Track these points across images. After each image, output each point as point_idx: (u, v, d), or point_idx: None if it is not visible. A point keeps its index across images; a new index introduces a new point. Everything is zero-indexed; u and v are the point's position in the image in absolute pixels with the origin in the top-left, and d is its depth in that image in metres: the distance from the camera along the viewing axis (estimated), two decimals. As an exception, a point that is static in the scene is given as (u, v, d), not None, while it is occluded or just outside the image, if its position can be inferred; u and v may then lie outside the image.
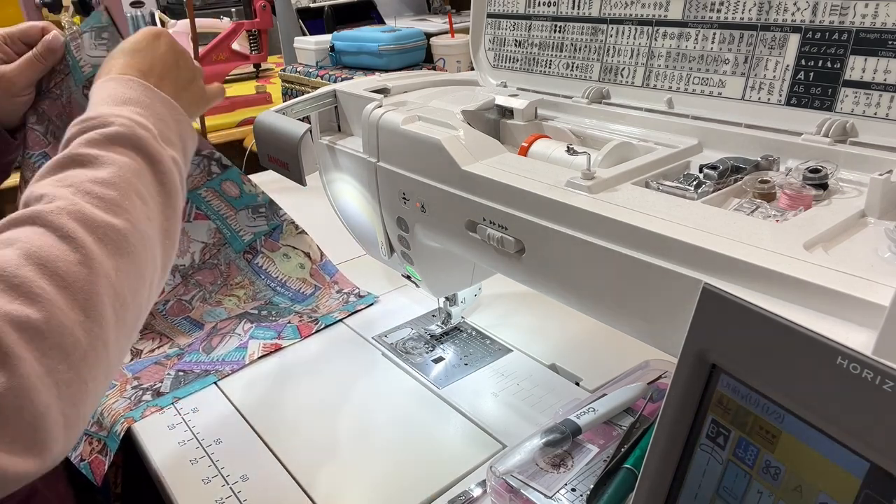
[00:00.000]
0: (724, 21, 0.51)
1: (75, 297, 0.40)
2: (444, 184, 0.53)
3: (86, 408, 0.41)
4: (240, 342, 0.79)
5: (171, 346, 0.81)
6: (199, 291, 0.86)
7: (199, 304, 0.86)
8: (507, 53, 0.69)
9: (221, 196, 0.85)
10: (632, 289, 0.41)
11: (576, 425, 0.54)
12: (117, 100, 0.52)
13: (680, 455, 0.36)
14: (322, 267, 0.89)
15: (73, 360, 0.39)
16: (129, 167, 0.47)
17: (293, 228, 0.89)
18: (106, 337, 0.41)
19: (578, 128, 0.58)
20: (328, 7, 1.72)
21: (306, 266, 0.88)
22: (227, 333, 0.81)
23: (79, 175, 0.45)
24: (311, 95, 0.67)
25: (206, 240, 0.86)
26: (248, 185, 0.86)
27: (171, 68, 0.59)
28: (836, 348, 0.28)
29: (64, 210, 0.42)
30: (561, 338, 0.77)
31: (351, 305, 0.85)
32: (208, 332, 0.82)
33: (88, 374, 0.40)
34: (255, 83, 1.97)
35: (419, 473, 0.59)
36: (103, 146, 0.47)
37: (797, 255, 0.35)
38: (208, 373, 0.74)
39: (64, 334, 0.38)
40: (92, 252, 0.41)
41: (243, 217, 0.86)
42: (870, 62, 0.43)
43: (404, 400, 0.69)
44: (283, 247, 0.89)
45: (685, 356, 0.35)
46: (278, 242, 0.89)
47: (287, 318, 0.82)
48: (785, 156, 0.47)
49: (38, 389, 0.36)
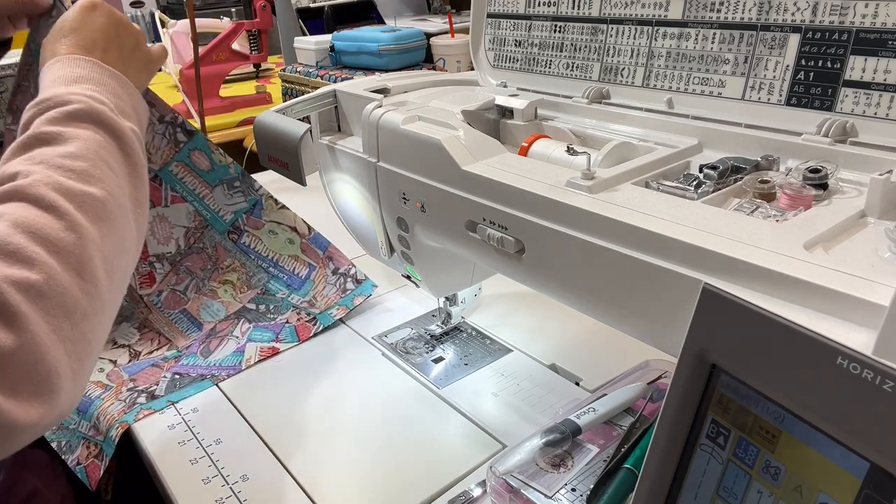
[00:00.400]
0: (724, 21, 0.51)
1: (68, 261, 0.41)
2: (444, 184, 0.53)
3: (90, 363, 0.43)
4: (237, 346, 0.78)
5: (170, 349, 0.81)
6: (192, 279, 0.85)
7: (195, 294, 0.85)
8: (507, 53, 0.69)
9: (193, 170, 0.83)
10: (632, 289, 0.41)
11: (576, 425, 0.54)
12: (68, 79, 0.52)
13: (680, 455, 0.36)
14: (313, 240, 0.86)
15: (76, 318, 0.41)
16: (93, 140, 0.48)
17: (273, 203, 0.86)
18: (102, 297, 0.43)
19: (578, 128, 0.58)
20: (328, 7, 1.72)
21: (296, 241, 0.85)
22: (226, 336, 0.80)
23: (47, 152, 0.46)
24: (311, 95, 0.67)
25: (187, 223, 0.85)
26: (216, 154, 0.83)
27: (113, 39, 0.59)
28: (836, 348, 0.28)
29: (41, 182, 0.43)
30: (561, 338, 0.77)
31: (349, 297, 0.83)
32: (207, 334, 0.81)
33: (91, 333, 0.42)
34: (255, 83, 1.97)
35: (419, 473, 0.59)
36: (65, 123, 0.48)
37: (797, 255, 0.35)
38: (204, 377, 0.74)
39: (64, 294, 0.40)
40: (76, 218, 0.43)
41: (219, 195, 0.84)
42: (870, 62, 0.43)
43: (404, 400, 0.69)
44: (267, 223, 0.86)
45: (685, 356, 0.35)
46: (261, 219, 0.86)
47: (285, 315, 0.82)
48: (785, 156, 0.47)
49: (47, 345, 0.38)
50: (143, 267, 0.86)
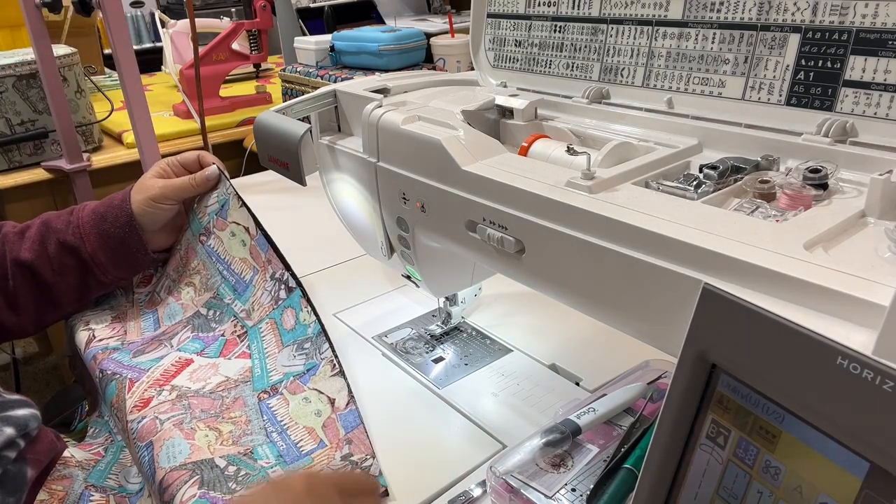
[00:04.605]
0: (724, 21, 0.51)
1: None
2: (444, 184, 0.53)
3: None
4: (163, 353, 0.76)
5: (118, 341, 0.79)
6: (166, 281, 0.85)
7: (166, 295, 0.84)
8: (507, 53, 0.69)
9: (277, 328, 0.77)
10: (632, 289, 0.41)
11: (576, 425, 0.54)
12: None
13: (680, 455, 0.36)
14: (258, 242, 0.80)
15: None
16: None
17: (236, 202, 0.82)
18: None
19: (578, 128, 0.58)
20: (328, 7, 1.72)
21: (247, 243, 0.81)
22: (164, 342, 0.78)
23: None
24: (311, 95, 0.67)
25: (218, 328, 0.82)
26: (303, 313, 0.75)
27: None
28: (836, 348, 0.28)
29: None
30: (561, 338, 0.77)
31: (278, 310, 0.76)
32: (154, 337, 0.80)
33: None
34: (255, 83, 1.97)
35: (419, 473, 0.59)
36: None
37: (797, 255, 0.35)
38: (115, 376, 0.72)
39: None
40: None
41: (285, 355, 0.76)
42: (870, 62, 0.43)
43: (404, 400, 0.69)
44: (230, 224, 0.82)
45: (685, 356, 0.35)
46: (226, 220, 0.82)
47: (224, 325, 0.79)
48: (785, 156, 0.47)
49: None
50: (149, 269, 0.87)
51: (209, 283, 0.82)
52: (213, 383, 0.72)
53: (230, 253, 0.82)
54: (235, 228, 0.82)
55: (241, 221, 0.81)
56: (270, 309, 0.77)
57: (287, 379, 0.71)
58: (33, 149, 1.44)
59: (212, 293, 0.82)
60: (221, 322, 0.79)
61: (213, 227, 0.83)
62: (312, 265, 0.97)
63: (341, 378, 0.69)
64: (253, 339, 0.76)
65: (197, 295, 0.83)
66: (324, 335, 0.71)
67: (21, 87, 1.39)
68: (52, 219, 0.80)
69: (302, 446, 0.65)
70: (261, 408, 0.69)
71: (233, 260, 0.81)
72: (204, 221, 0.83)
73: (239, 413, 0.69)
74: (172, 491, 0.58)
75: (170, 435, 0.64)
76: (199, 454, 0.62)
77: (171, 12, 3.14)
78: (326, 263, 0.98)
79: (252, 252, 0.80)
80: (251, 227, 0.80)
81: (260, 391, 0.71)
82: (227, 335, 0.78)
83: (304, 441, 0.66)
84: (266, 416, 0.68)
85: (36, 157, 1.45)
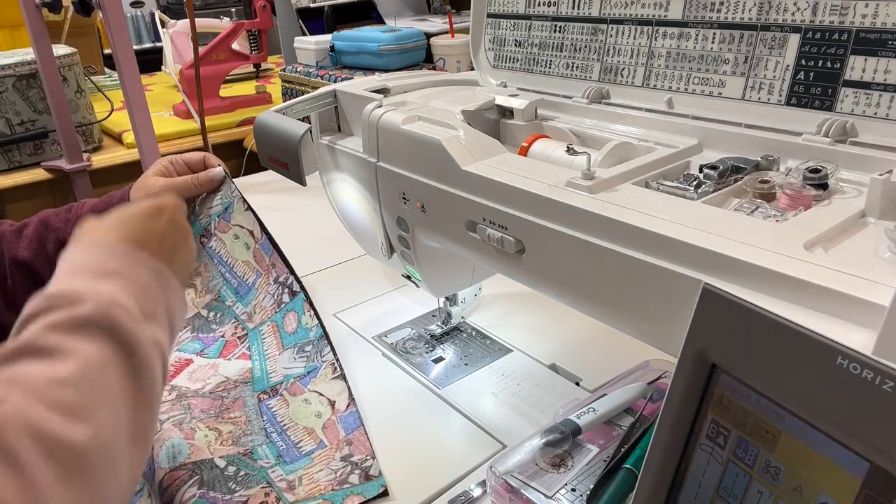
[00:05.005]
0: (724, 21, 0.51)
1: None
2: (444, 184, 0.53)
3: None
4: None
5: None
6: None
7: None
8: (507, 53, 0.69)
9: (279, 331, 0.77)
10: (632, 289, 0.41)
11: (576, 425, 0.54)
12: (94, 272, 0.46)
13: (680, 455, 0.36)
14: (262, 245, 0.80)
15: None
16: (95, 360, 0.41)
17: (241, 206, 0.81)
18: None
19: (578, 128, 0.58)
20: (328, 7, 1.72)
21: (251, 246, 0.81)
22: None
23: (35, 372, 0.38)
24: (311, 95, 0.67)
25: None
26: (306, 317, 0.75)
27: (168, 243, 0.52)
28: (836, 348, 0.28)
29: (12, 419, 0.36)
30: (561, 338, 0.77)
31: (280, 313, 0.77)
32: None
33: None
34: (255, 83, 1.98)
35: (419, 473, 0.59)
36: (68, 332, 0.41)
37: (797, 255, 0.35)
38: None
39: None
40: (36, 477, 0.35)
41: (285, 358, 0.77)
42: (870, 62, 0.43)
43: (404, 400, 0.69)
44: (233, 227, 0.81)
45: (685, 356, 0.35)
46: (229, 223, 0.81)
47: (225, 327, 0.78)
48: (785, 156, 0.47)
49: None
50: None
51: (210, 285, 0.82)
52: (213, 383, 0.72)
53: (233, 255, 0.81)
54: (239, 231, 0.81)
55: (246, 225, 0.81)
56: (272, 312, 0.77)
57: (287, 381, 0.71)
58: (33, 149, 1.44)
59: (213, 295, 0.82)
60: (222, 324, 0.79)
61: (214, 229, 0.82)
62: (312, 265, 0.97)
63: (342, 381, 0.70)
64: (253, 341, 0.76)
65: (198, 296, 0.82)
66: (326, 338, 0.71)
67: (21, 87, 1.39)
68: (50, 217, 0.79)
69: (302, 447, 0.65)
70: (261, 408, 0.70)
71: (235, 262, 0.81)
72: (204, 223, 0.82)
73: (239, 413, 0.69)
74: (172, 491, 0.58)
75: (170, 435, 0.64)
76: (198, 454, 0.63)
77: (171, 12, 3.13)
78: (326, 263, 0.98)
79: (255, 255, 0.80)
80: (256, 231, 0.80)
81: (260, 392, 0.71)
82: (227, 336, 0.78)
83: (303, 441, 0.67)
84: (266, 417, 0.68)
85: (36, 157, 1.45)
